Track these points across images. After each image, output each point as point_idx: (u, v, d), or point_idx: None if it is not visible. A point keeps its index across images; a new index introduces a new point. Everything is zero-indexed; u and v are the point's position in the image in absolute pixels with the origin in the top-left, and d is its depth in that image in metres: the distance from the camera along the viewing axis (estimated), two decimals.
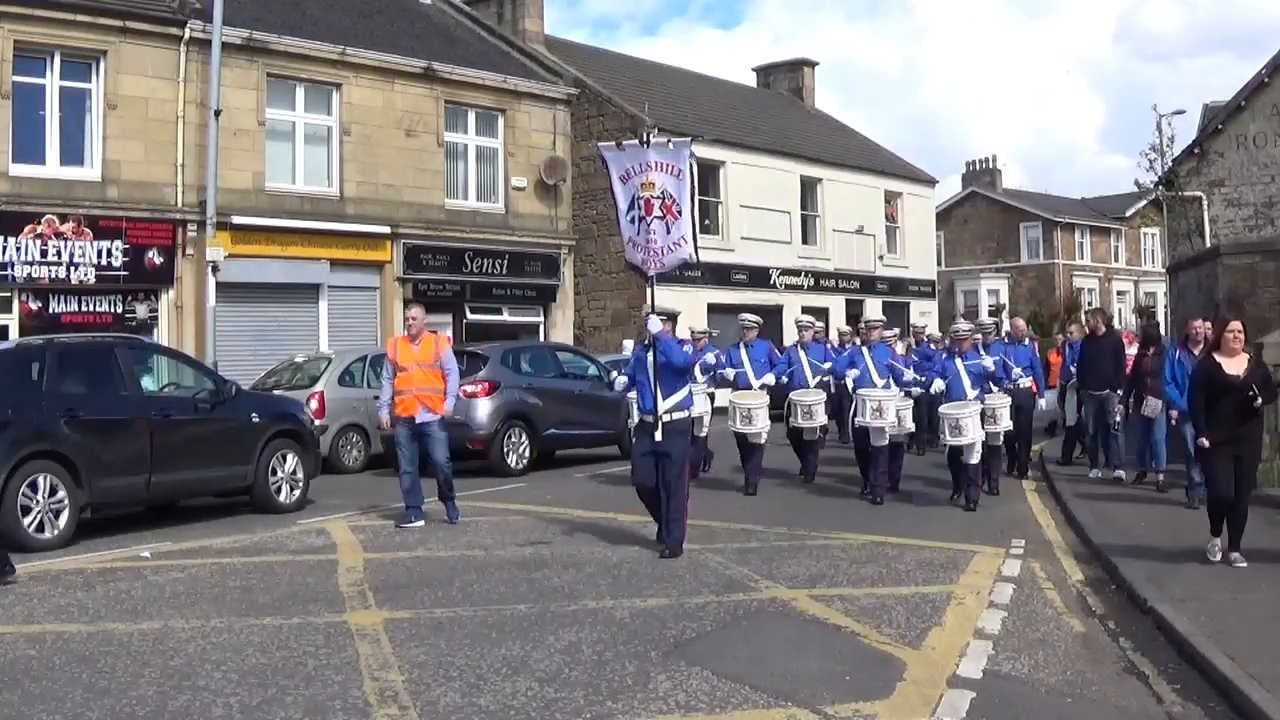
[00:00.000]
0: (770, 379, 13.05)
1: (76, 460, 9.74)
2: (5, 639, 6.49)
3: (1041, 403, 14.33)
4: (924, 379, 13.12)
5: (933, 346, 16.48)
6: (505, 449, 14.96)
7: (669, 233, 9.35)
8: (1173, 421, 11.49)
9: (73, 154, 17.68)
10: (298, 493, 11.95)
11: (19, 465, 9.35)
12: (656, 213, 9.31)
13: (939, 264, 39.06)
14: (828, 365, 13.50)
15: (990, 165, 51.60)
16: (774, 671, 5.80)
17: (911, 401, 12.81)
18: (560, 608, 7.22)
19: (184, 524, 10.90)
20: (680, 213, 9.30)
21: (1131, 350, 13.77)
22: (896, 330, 15.34)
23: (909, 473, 13.74)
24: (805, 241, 30.13)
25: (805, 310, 26.59)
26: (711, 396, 14.27)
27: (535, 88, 24.35)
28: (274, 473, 11.71)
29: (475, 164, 23.55)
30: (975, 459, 11.39)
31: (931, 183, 36.00)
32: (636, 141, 9.49)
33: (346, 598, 7.61)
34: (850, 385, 12.70)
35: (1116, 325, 25.27)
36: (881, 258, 32.35)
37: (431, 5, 26.50)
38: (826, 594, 7.62)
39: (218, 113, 17.85)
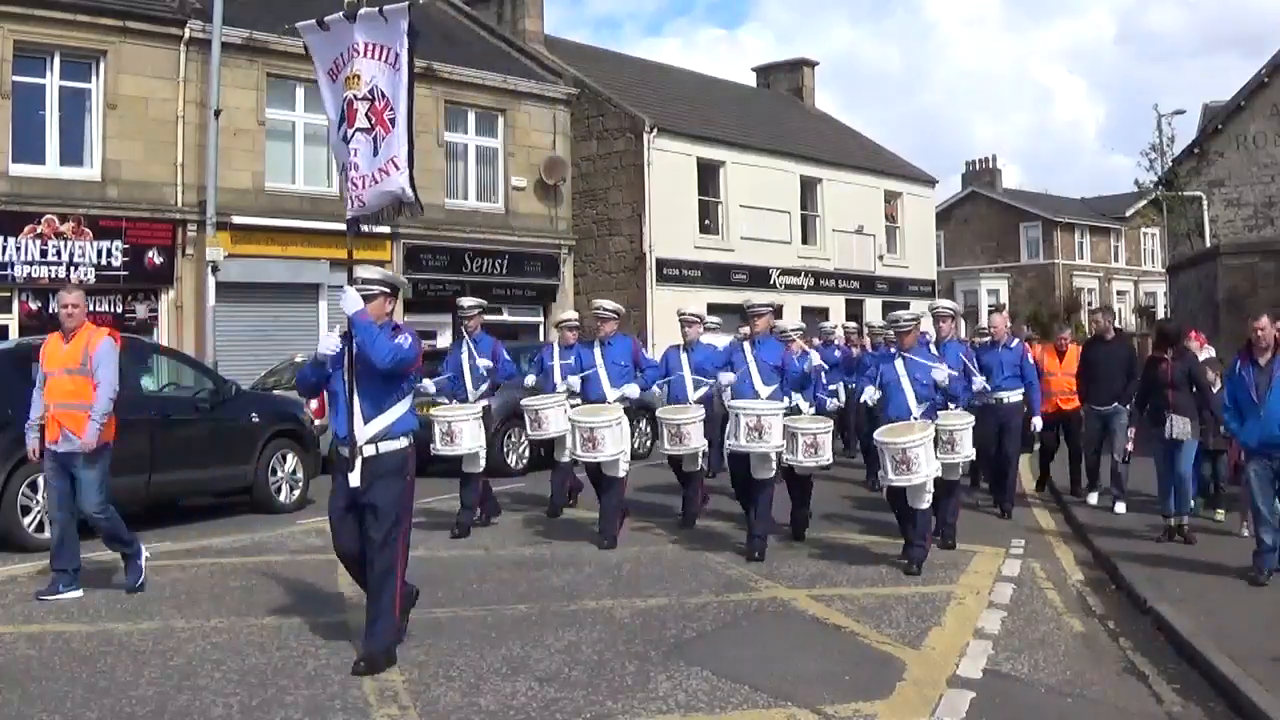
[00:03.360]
0: (633, 389, 9.95)
1: None
2: (5, 639, 6.49)
3: (1036, 423, 11.23)
4: (851, 386, 10.70)
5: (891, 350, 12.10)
6: (505, 449, 14.94)
7: (376, 153, 6.11)
8: (1230, 459, 9.24)
9: (73, 154, 17.66)
10: (298, 493, 11.95)
11: (19, 465, 9.35)
12: (361, 122, 6.12)
13: (939, 264, 39.03)
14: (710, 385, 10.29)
15: (990, 165, 51.60)
16: (774, 671, 5.80)
17: (830, 423, 9.43)
18: (560, 608, 7.22)
19: (184, 524, 10.90)
20: (394, 123, 6.12)
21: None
22: (802, 327, 11.82)
23: (838, 510, 11.31)
24: (805, 241, 30.11)
25: (805, 311, 26.66)
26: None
27: (535, 88, 24.34)
28: (274, 473, 11.71)
29: (475, 164, 23.53)
30: (925, 503, 8.40)
31: (931, 183, 35.97)
32: (341, 15, 6.17)
33: (346, 598, 7.60)
34: (726, 394, 9.66)
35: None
36: (881, 258, 32.34)
37: (431, 5, 26.48)
38: (826, 594, 7.62)
39: (218, 113, 17.84)
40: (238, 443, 11.35)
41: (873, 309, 30.61)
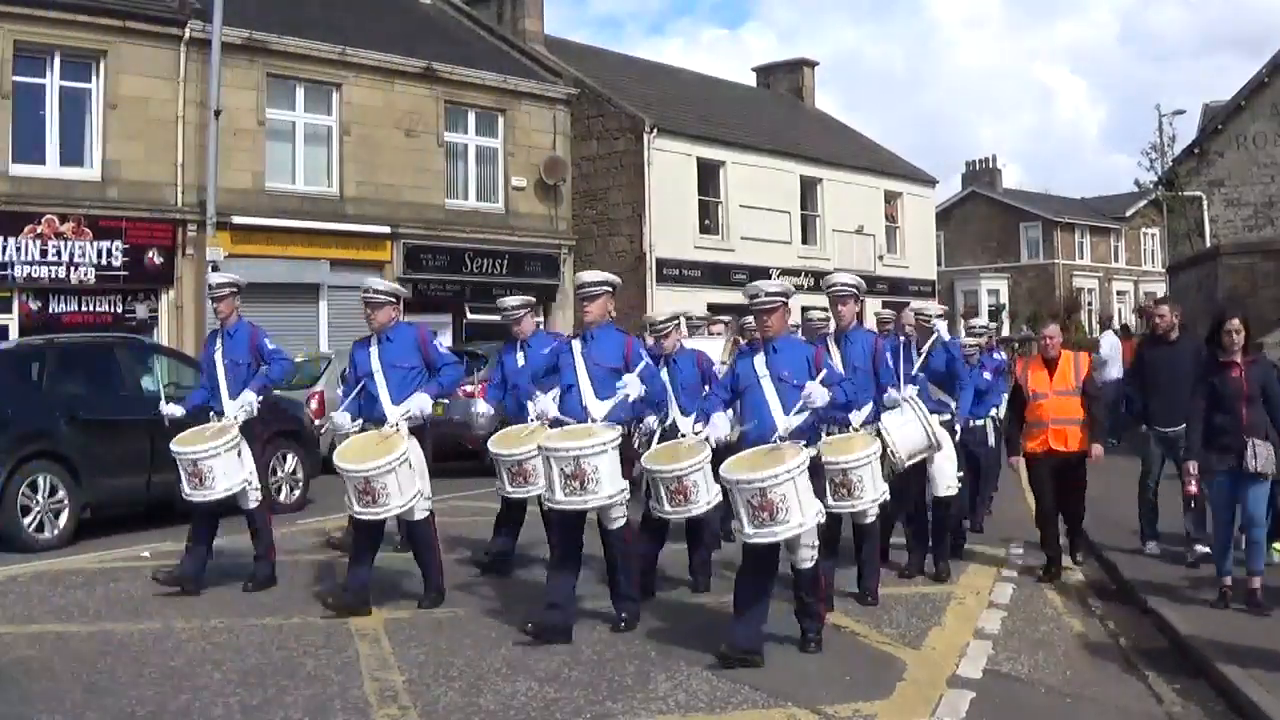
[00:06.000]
0: (421, 402, 7.03)
1: (76, 460, 9.74)
2: (5, 639, 6.49)
3: (954, 429, 8.29)
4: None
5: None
6: None
7: None
8: None
9: (73, 154, 17.66)
10: (298, 493, 11.95)
11: (19, 465, 9.36)
12: None
13: (939, 264, 39.02)
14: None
15: (990, 165, 51.60)
16: (774, 671, 5.79)
17: (706, 453, 6.22)
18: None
19: (184, 524, 10.84)
20: None
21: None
22: (679, 316, 8.48)
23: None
24: (805, 241, 30.10)
25: (806, 311, 26.64)
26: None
27: (535, 88, 24.34)
28: (274, 473, 11.70)
29: (475, 164, 23.53)
30: (809, 561, 5.97)
31: (931, 183, 35.97)
32: None
33: None
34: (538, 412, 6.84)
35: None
36: (881, 258, 32.32)
37: (431, 5, 26.48)
38: None
39: (218, 113, 17.84)
40: None
41: (872, 310, 30.58)
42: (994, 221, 50.00)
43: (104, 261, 17.55)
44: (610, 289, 6.80)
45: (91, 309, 17.61)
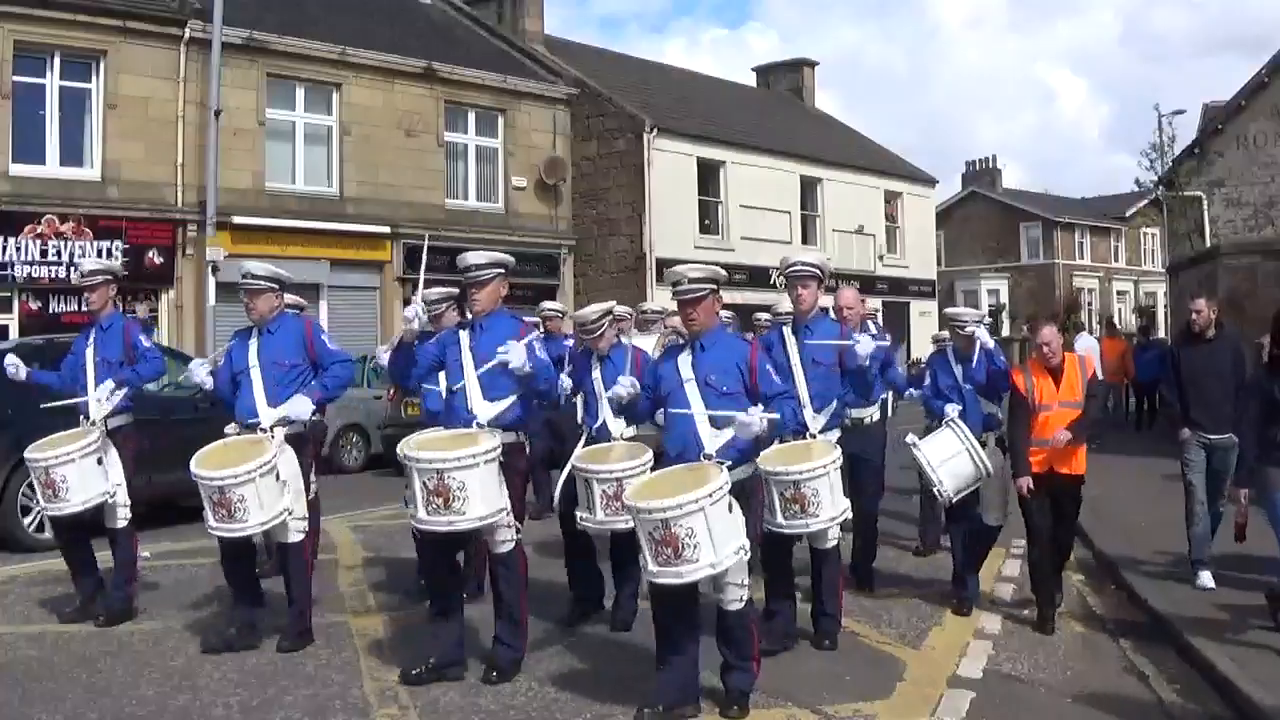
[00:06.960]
0: (301, 405, 6.32)
1: None
2: (5, 639, 6.49)
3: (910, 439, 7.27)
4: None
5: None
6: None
7: None
8: None
9: (73, 154, 17.68)
10: None
11: (18, 465, 9.35)
12: None
13: (939, 264, 39.02)
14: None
15: (990, 165, 51.58)
16: (774, 671, 5.78)
17: (648, 455, 6.12)
18: (560, 608, 7.21)
19: (184, 524, 10.89)
20: None
21: None
22: (612, 310, 7.46)
23: None
24: (805, 241, 30.10)
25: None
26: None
27: (535, 88, 24.36)
28: None
29: (475, 164, 23.55)
30: (737, 603, 5.03)
31: (931, 183, 35.98)
32: None
33: (346, 598, 7.62)
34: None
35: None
36: (881, 258, 32.34)
37: (431, 5, 26.50)
38: None
39: (218, 113, 17.86)
40: None
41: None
42: (994, 221, 49.98)
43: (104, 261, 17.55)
44: (503, 271, 5.86)
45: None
